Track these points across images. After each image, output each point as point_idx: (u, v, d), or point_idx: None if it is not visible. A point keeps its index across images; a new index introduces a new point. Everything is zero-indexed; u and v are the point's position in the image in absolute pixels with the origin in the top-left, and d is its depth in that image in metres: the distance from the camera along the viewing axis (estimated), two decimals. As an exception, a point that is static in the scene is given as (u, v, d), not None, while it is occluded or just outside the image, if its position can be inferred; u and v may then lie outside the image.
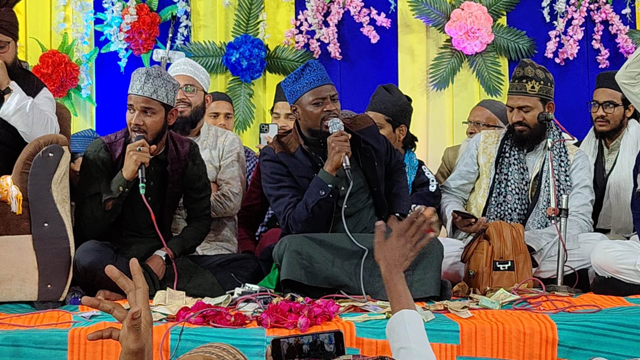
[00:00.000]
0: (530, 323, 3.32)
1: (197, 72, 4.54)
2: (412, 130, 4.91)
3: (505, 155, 4.52)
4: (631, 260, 3.96)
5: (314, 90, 3.91)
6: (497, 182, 4.49)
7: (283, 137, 4.09)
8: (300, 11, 5.94)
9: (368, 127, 4.09)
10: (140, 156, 3.82)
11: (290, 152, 4.00)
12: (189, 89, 4.47)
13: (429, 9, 5.90)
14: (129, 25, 5.79)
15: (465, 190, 4.67)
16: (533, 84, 4.39)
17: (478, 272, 4.03)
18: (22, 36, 4.70)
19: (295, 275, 3.68)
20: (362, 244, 3.77)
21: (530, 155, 4.52)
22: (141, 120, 3.89)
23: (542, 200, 4.40)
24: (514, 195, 4.45)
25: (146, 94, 3.87)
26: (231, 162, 4.47)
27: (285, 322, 3.24)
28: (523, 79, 4.40)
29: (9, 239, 3.69)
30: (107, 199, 3.88)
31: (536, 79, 4.39)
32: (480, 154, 4.59)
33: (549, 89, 4.45)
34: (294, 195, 3.92)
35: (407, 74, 6.01)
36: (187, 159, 4.09)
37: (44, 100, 4.05)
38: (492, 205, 4.49)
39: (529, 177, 4.48)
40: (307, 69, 3.93)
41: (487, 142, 4.60)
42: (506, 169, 4.49)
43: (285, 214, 3.91)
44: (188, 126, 4.47)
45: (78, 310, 3.61)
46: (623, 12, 5.92)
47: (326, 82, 3.93)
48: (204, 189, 4.18)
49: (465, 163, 4.65)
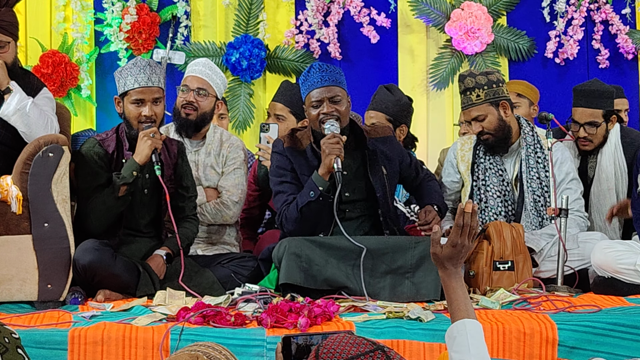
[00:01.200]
0: (530, 323, 3.32)
1: (214, 76, 4.40)
2: (412, 130, 4.91)
3: (480, 161, 4.48)
4: (631, 260, 3.96)
5: (313, 92, 3.93)
6: (475, 188, 4.46)
7: (298, 132, 4.09)
8: (300, 11, 5.94)
9: (385, 137, 4.09)
10: (154, 141, 3.88)
11: (300, 149, 4.01)
12: (200, 92, 4.34)
13: (429, 9, 5.90)
14: (129, 25, 5.79)
15: (452, 200, 4.62)
16: (477, 92, 4.35)
17: (478, 272, 4.03)
18: (22, 36, 4.70)
19: (294, 279, 3.68)
20: (360, 243, 3.77)
21: (507, 157, 4.48)
22: (153, 112, 3.95)
23: (529, 201, 4.37)
24: (495, 199, 4.43)
25: (155, 84, 3.94)
26: (234, 170, 4.43)
27: (285, 322, 3.24)
28: (467, 92, 4.36)
29: (9, 239, 3.69)
30: (121, 183, 3.90)
31: (478, 86, 4.34)
32: (459, 162, 4.56)
33: (495, 89, 4.36)
34: (292, 193, 3.93)
35: (407, 74, 6.02)
36: (177, 156, 4.14)
37: (44, 100, 4.05)
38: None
39: (509, 179, 4.46)
40: (312, 70, 3.95)
41: (463, 150, 4.58)
42: (483, 174, 4.46)
43: (281, 210, 3.94)
44: (190, 130, 4.38)
45: (78, 310, 3.61)
46: (623, 12, 5.93)
47: (327, 84, 3.92)
48: (192, 189, 4.20)
49: (448, 173, 4.62)
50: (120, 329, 3.19)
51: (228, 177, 4.42)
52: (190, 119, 4.35)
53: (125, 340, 3.14)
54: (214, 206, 4.36)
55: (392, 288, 3.76)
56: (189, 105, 4.34)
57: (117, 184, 3.90)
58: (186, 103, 4.34)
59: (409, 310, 3.41)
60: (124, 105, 3.99)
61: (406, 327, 3.26)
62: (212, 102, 4.41)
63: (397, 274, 3.78)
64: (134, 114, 3.96)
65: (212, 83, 4.39)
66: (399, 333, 3.22)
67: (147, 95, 3.94)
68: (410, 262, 3.79)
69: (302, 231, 3.87)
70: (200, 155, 4.41)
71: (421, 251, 3.80)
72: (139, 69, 3.92)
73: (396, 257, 3.79)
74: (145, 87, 3.93)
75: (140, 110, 3.94)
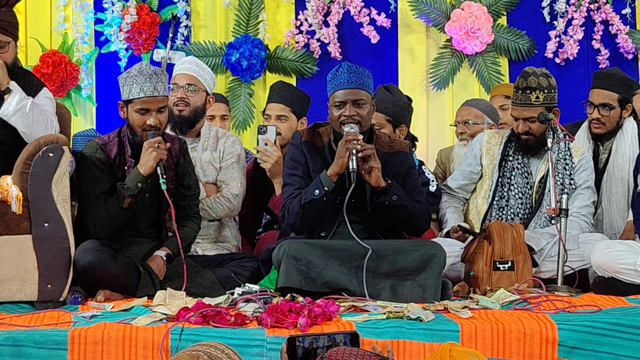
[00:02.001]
0: (530, 323, 3.32)
1: (202, 72, 4.48)
2: (412, 130, 4.91)
3: (508, 159, 4.49)
4: (631, 260, 3.96)
5: (338, 92, 3.90)
6: (500, 185, 4.47)
7: (320, 127, 4.07)
8: (300, 11, 5.94)
9: (397, 152, 4.03)
10: (159, 153, 3.89)
11: (318, 144, 4.00)
12: (190, 88, 4.42)
13: (429, 9, 5.90)
14: (129, 25, 5.79)
15: (467, 190, 4.65)
16: (537, 94, 4.34)
17: (478, 272, 4.03)
18: (22, 36, 4.70)
19: (293, 282, 3.66)
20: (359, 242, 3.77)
21: (534, 159, 4.49)
22: (158, 120, 3.95)
23: (545, 204, 4.38)
24: (517, 200, 4.44)
25: (161, 94, 3.95)
26: (231, 164, 4.45)
27: (285, 322, 3.24)
28: (527, 90, 4.34)
29: (9, 239, 3.69)
30: (127, 195, 3.90)
31: (540, 88, 4.34)
32: (483, 154, 4.57)
33: (552, 95, 4.38)
34: (300, 187, 3.91)
35: (407, 74, 6.01)
36: (179, 155, 4.13)
37: (44, 100, 4.05)
38: (494, 209, 4.47)
39: (533, 181, 4.46)
40: (340, 70, 3.92)
41: (490, 143, 4.58)
42: (509, 173, 4.47)
43: (286, 202, 3.93)
44: (185, 126, 4.42)
45: (78, 310, 3.61)
46: (623, 12, 5.92)
47: (352, 86, 3.88)
48: (194, 187, 4.20)
49: (469, 163, 4.63)
50: (120, 329, 3.19)
51: (226, 171, 4.44)
52: (183, 115, 4.40)
53: (125, 340, 3.15)
54: (214, 200, 4.36)
55: (393, 290, 3.76)
56: (180, 102, 4.39)
57: (122, 195, 3.91)
58: (177, 100, 4.38)
59: (409, 310, 3.41)
60: (128, 112, 3.99)
61: (406, 327, 3.26)
62: (203, 97, 4.46)
63: (398, 276, 3.78)
64: (138, 122, 3.96)
65: (200, 78, 4.45)
66: (399, 333, 3.22)
67: (152, 104, 3.94)
68: (411, 264, 3.78)
69: (302, 226, 3.88)
70: (197, 152, 4.42)
71: (422, 254, 3.79)
72: (145, 77, 3.91)
73: (397, 260, 3.79)
74: (152, 96, 3.93)
75: (145, 119, 3.94)
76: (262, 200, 4.64)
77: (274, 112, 4.75)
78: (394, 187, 3.86)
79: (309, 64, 5.94)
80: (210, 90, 4.53)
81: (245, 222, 4.68)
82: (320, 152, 3.98)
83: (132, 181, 3.91)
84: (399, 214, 3.88)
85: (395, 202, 3.84)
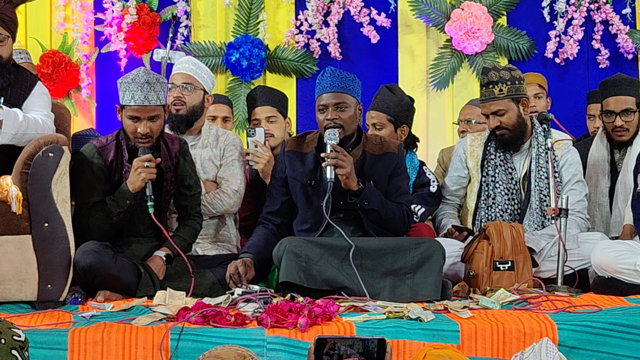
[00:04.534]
0: (530, 323, 3.32)
1: (199, 70, 4.47)
2: (412, 130, 4.91)
3: (490, 157, 4.50)
4: (631, 260, 3.96)
5: (321, 96, 3.98)
6: (484, 184, 4.49)
7: (309, 133, 4.15)
8: (300, 11, 5.94)
9: (386, 153, 4.07)
10: (148, 173, 3.89)
11: (302, 151, 4.06)
12: (187, 87, 4.41)
13: (429, 9, 5.90)
14: (129, 25, 5.79)
15: (458, 195, 4.68)
16: (500, 86, 4.37)
17: (478, 272, 4.03)
18: (22, 36, 4.71)
19: (293, 278, 3.68)
20: (361, 244, 3.78)
21: (517, 155, 4.50)
22: (149, 129, 3.93)
23: (534, 200, 4.38)
24: (503, 197, 4.45)
25: (152, 103, 3.92)
26: (232, 161, 4.45)
27: (286, 322, 3.24)
28: (489, 85, 4.38)
29: (9, 239, 3.69)
30: (116, 212, 3.94)
31: (502, 81, 4.36)
32: (468, 157, 4.59)
33: (518, 87, 4.40)
34: (270, 212, 4.15)
35: (407, 74, 6.01)
36: (179, 156, 4.12)
37: (39, 98, 4.01)
38: (482, 208, 4.48)
39: (517, 177, 4.48)
40: (324, 74, 4.00)
41: (473, 145, 4.60)
42: (492, 171, 4.49)
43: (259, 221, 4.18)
44: (183, 126, 4.41)
45: (78, 310, 3.61)
46: (623, 12, 5.92)
47: (335, 90, 3.94)
48: (195, 187, 4.20)
49: (456, 168, 4.66)
50: (120, 329, 3.19)
51: (226, 168, 4.44)
52: (180, 114, 4.40)
53: (125, 340, 3.15)
54: (214, 196, 4.36)
55: (392, 289, 3.76)
56: (177, 101, 4.39)
57: (113, 211, 3.95)
58: (174, 99, 4.38)
59: (409, 310, 3.41)
60: (123, 117, 3.99)
61: (406, 327, 3.26)
62: (201, 95, 4.45)
63: (398, 274, 3.79)
64: (130, 128, 3.96)
65: (197, 77, 4.45)
66: (399, 333, 3.22)
67: (142, 113, 3.92)
68: (410, 263, 3.79)
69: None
70: (196, 149, 4.42)
71: (422, 252, 3.80)
72: (137, 86, 3.90)
73: (397, 258, 3.80)
74: (141, 105, 3.92)
75: (136, 126, 3.94)
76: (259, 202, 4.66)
77: (262, 115, 4.77)
78: (367, 191, 3.91)
79: (309, 64, 5.95)
80: (208, 89, 4.52)
81: (246, 223, 4.69)
82: (304, 159, 4.05)
83: (121, 198, 3.94)
84: (372, 217, 3.96)
85: (366, 207, 3.92)
